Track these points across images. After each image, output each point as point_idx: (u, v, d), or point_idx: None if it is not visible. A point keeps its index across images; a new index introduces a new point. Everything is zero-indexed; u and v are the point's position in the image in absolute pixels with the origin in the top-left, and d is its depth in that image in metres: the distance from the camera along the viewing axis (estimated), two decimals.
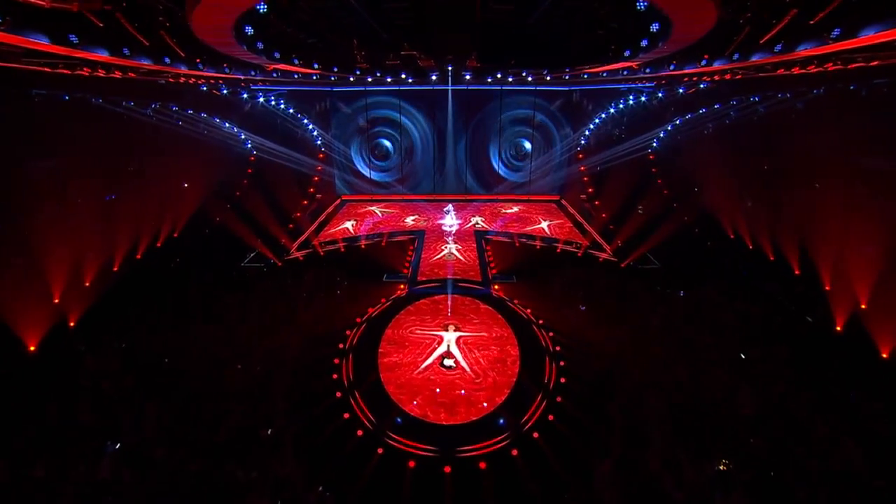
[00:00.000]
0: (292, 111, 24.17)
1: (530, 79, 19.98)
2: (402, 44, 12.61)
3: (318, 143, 25.67)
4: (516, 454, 9.40)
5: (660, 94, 21.18)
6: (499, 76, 19.39)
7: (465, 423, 10.20)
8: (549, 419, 10.28)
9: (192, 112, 19.72)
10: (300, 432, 9.71)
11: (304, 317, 14.10)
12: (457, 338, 13.06)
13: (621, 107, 23.37)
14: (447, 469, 9.03)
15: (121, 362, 11.67)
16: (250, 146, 23.80)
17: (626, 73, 15.39)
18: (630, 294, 15.30)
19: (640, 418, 9.93)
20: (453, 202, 24.49)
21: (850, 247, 14.23)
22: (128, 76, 10.94)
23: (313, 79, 17.60)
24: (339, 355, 12.42)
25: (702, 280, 15.66)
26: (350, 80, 20.12)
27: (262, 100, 22.41)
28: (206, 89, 17.76)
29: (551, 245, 20.15)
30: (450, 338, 13.07)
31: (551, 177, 26.19)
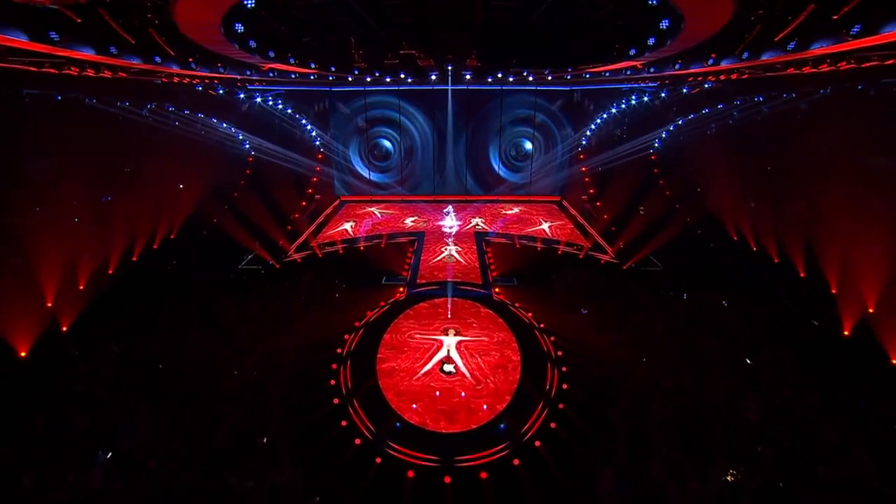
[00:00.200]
0: (290, 111, 23.94)
1: (531, 78, 19.75)
2: (400, 43, 12.36)
3: (317, 144, 25.45)
4: (518, 463, 9.17)
5: (663, 94, 20.92)
6: (499, 76, 19.17)
7: (465, 432, 9.96)
8: (552, 426, 10.05)
9: (188, 112, 19.48)
10: (297, 440, 9.50)
11: (302, 320, 13.88)
12: (457, 342, 12.83)
13: (623, 107, 23.12)
14: (447, 479, 8.81)
15: (115, 367, 11.45)
16: (248, 147, 23.56)
17: (630, 72, 15.14)
18: (632, 297, 15.08)
19: (643, 425, 9.71)
20: (453, 203, 24.27)
21: (856, 248, 14.00)
22: (118, 76, 10.70)
23: (311, 79, 17.36)
24: (337, 360, 12.19)
25: (705, 282, 15.43)
26: (348, 79, 19.88)
27: (259, 100, 22.18)
28: (201, 89, 17.51)
29: (552, 247, 19.92)
30: (450, 342, 12.84)
31: (552, 177, 25.96)
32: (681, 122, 21.68)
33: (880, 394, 10.23)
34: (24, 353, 11.51)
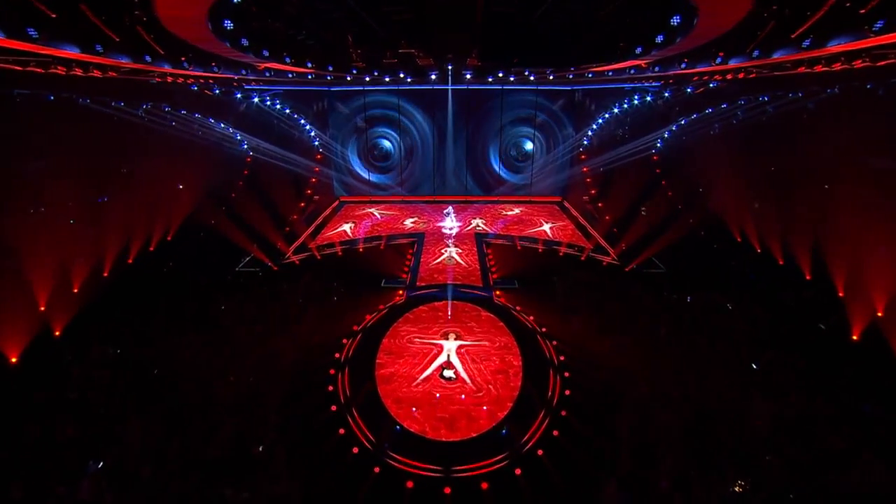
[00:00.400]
0: (288, 111, 23.69)
1: (533, 78, 19.49)
2: (399, 41, 12.10)
3: (316, 144, 25.20)
4: (519, 473, 8.93)
5: (666, 94, 20.65)
6: (500, 75, 18.91)
7: (465, 440, 9.73)
8: (554, 434, 9.81)
9: (185, 112, 19.24)
10: (294, 448, 9.27)
11: (300, 324, 13.65)
12: (457, 347, 12.59)
13: (625, 106, 22.86)
14: (447, 490, 8.57)
15: (109, 372, 11.22)
16: (246, 147, 23.31)
17: (633, 71, 14.86)
18: (635, 300, 14.83)
19: (648, 433, 9.48)
20: (453, 204, 24.03)
21: (864, 250, 13.75)
22: (108, 75, 10.43)
23: (308, 78, 17.10)
24: (335, 366, 11.95)
25: (709, 285, 15.19)
26: (347, 79, 19.63)
27: (256, 100, 21.92)
28: (196, 89, 17.24)
29: (554, 248, 19.68)
30: (450, 347, 12.60)
31: (553, 178, 25.72)
32: (683, 122, 21.42)
33: (890, 400, 9.99)
34: (14, 359, 11.27)
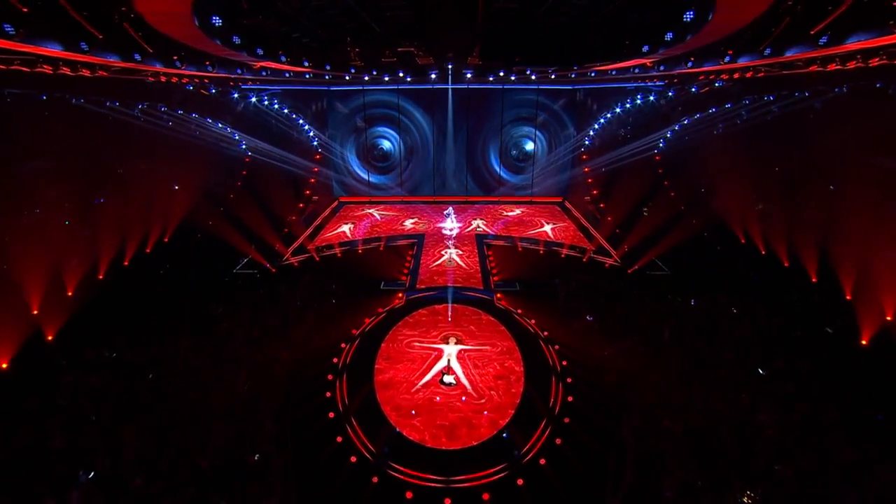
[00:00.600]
0: (287, 111, 23.42)
1: (534, 77, 19.21)
2: (398, 39, 11.82)
3: (315, 144, 24.94)
4: (522, 483, 8.68)
5: (670, 94, 20.35)
6: (501, 74, 18.62)
7: (466, 449, 9.47)
8: (557, 443, 9.56)
9: (182, 112, 18.97)
10: (290, 458, 9.03)
11: (298, 328, 13.39)
12: (458, 352, 12.33)
13: (628, 106, 22.57)
14: (447, 501, 8.32)
15: (101, 378, 10.97)
16: (244, 147, 23.05)
17: (637, 70, 14.53)
18: (639, 303, 14.57)
19: (652, 441, 9.22)
20: (453, 204, 23.76)
21: (872, 252, 13.47)
22: (98, 75, 10.16)
23: (306, 77, 16.83)
24: (333, 371, 11.71)
25: (713, 288, 14.91)
26: (346, 78, 19.36)
27: (254, 100, 21.65)
28: (192, 89, 16.98)
29: (555, 250, 19.41)
30: (450, 351, 12.34)
31: (554, 178, 25.45)
32: (686, 122, 21.12)
33: None
34: (4, 365, 11.02)
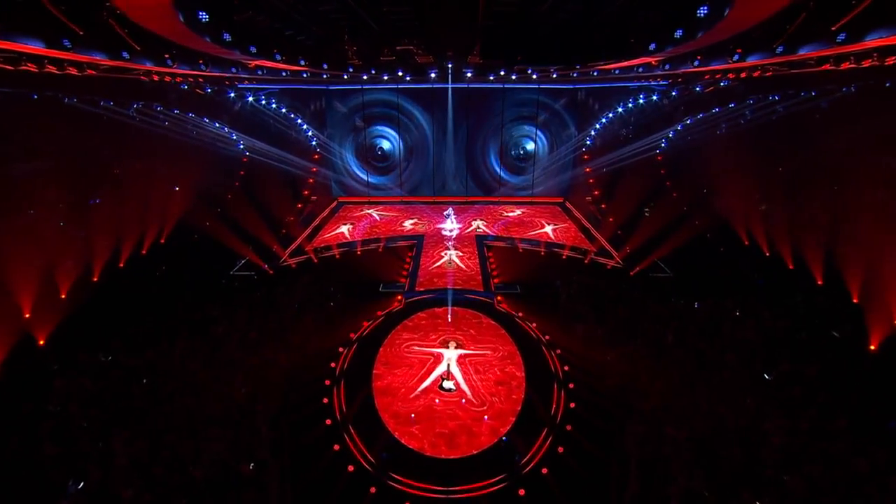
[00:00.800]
0: (285, 110, 23.17)
1: (535, 76, 18.95)
2: (397, 37, 11.57)
3: (313, 144, 24.70)
4: (523, 494, 8.47)
5: (673, 93, 20.09)
6: (502, 73, 18.36)
7: (466, 457, 9.26)
8: (559, 451, 9.34)
9: (178, 112, 18.73)
10: (286, 466, 8.82)
11: (295, 331, 13.17)
12: (458, 356, 12.11)
13: (630, 106, 22.32)
14: None
15: (94, 383, 10.75)
16: (242, 147, 22.80)
17: (641, 69, 14.25)
18: (641, 306, 14.33)
19: (657, 449, 9.00)
20: (453, 205, 23.52)
21: (880, 254, 13.24)
22: (86, 73, 9.91)
23: (303, 76, 16.58)
24: (330, 376, 11.49)
25: (717, 290, 14.68)
26: (344, 77, 19.11)
27: (251, 99, 21.40)
28: (186, 88, 16.73)
29: (556, 251, 19.18)
30: (450, 355, 12.12)
31: (555, 178, 25.21)
32: (689, 122, 20.88)
33: None
34: None
